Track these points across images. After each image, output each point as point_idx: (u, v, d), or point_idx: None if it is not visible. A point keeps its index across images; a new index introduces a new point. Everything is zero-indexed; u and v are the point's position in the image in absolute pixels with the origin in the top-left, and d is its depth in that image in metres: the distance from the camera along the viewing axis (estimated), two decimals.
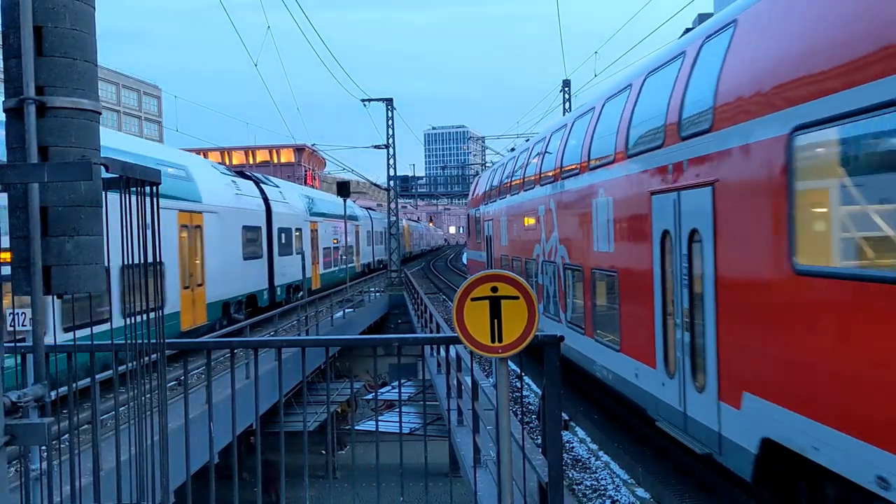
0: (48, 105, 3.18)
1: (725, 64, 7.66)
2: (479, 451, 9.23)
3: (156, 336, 3.53)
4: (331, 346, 5.56)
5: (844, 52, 5.59)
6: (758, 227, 6.71)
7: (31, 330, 3.24)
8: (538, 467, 5.72)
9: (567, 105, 41.60)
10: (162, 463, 3.62)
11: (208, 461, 4.64)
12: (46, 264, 3.17)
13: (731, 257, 7.33)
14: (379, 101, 42.80)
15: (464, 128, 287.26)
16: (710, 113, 7.80)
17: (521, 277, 4.33)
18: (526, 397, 14.58)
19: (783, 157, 6.24)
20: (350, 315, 28.11)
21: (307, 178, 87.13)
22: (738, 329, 7.12)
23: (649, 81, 10.24)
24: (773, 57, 6.70)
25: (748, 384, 6.82)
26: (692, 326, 8.20)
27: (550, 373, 4.44)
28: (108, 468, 4.10)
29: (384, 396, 24.42)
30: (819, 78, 5.92)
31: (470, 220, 32.29)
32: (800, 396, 5.97)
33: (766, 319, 6.57)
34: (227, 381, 6.04)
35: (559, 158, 14.82)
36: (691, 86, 8.56)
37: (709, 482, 9.21)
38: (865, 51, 5.34)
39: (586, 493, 9.44)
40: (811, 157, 6.07)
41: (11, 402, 2.96)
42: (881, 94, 5.07)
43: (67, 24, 3.23)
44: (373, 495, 5.29)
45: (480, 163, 76.35)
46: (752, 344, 6.79)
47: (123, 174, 3.25)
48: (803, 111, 5.99)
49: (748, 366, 6.86)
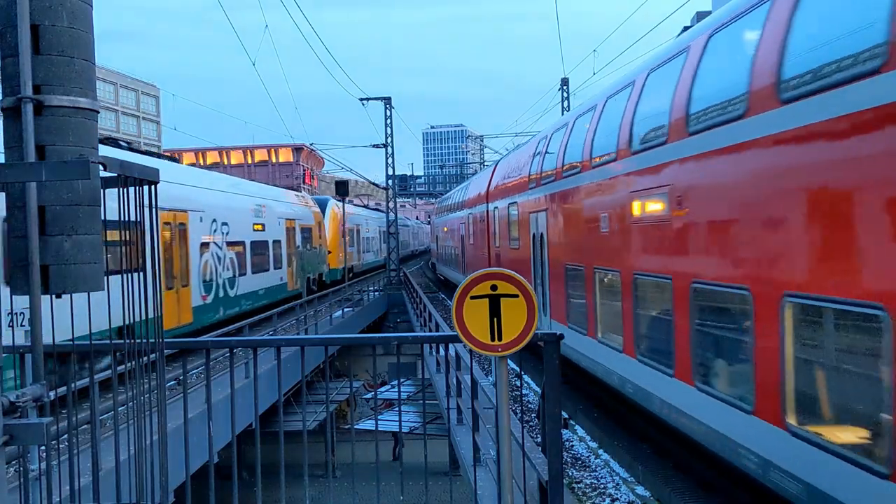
0: (45, 104, 3.17)
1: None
2: (479, 450, 9.22)
3: (154, 336, 3.52)
4: (330, 344, 5.55)
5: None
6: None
7: (28, 329, 3.24)
8: (538, 466, 5.72)
9: (566, 104, 41.58)
10: (161, 463, 3.61)
11: (208, 461, 4.64)
12: (44, 263, 3.16)
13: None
14: (377, 99, 42.74)
15: (462, 127, 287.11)
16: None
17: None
18: (525, 396, 14.57)
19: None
20: (349, 314, 28.12)
21: (306, 178, 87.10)
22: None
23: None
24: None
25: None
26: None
27: (550, 371, 4.43)
28: (107, 468, 4.09)
29: (383, 395, 24.40)
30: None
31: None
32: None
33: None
34: (225, 381, 6.03)
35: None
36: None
37: (709, 480, 9.21)
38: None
39: (586, 492, 9.44)
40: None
41: (10, 401, 2.95)
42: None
43: (65, 22, 3.22)
44: (372, 494, 5.28)
45: (479, 161, 76.35)
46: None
47: (122, 173, 3.24)
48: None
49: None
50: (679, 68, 8.97)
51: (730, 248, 7.64)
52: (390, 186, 45.68)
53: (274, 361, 4.97)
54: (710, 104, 8.04)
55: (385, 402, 24.19)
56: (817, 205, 6.16)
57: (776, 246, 6.70)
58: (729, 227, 7.72)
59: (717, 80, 8.16)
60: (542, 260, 16.29)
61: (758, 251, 7.00)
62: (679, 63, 9.05)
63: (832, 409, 6.00)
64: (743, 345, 7.28)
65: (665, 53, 9.96)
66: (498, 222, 22.95)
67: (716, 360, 8.19)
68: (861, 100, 5.44)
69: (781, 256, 6.61)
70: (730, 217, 7.66)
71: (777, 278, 6.60)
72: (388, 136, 42.85)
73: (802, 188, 6.33)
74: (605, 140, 11.53)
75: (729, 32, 8.02)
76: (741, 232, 7.41)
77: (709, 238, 8.23)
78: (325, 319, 24.36)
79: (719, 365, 8.12)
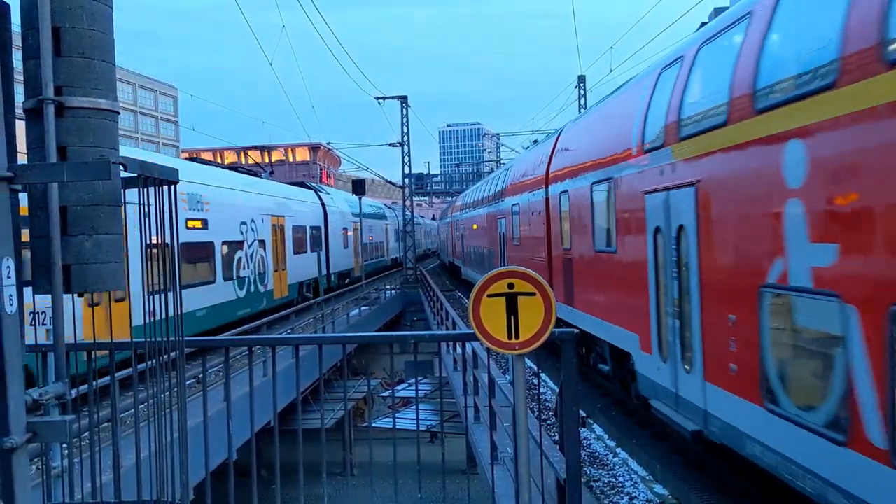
0: (66, 105, 3.21)
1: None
2: (497, 449, 9.21)
3: (174, 334, 3.55)
4: (348, 343, 5.58)
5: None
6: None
7: (50, 328, 3.27)
8: (556, 464, 5.71)
9: (582, 101, 41.44)
10: (181, 460, 3.64)
11: (227, 458, 4.67)
12: (66, 263, 3.20)
13: None
14: (393, 98, 42.81)
15: (478, 125, 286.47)
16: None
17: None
18: (543, 394, 14.55)
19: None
20: (366, 313, 28.19)
21: (322, 177, 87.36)
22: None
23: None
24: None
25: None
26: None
27: (567, 369, 4.43)
28: (128, 465, 4.13)
29: (401, 394, 24.44)
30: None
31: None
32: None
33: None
34: (243, 379, 6.07)
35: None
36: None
37: (726, 479, 9.15)
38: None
39: (604, 490, 9.41)
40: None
41: (33, 399, 2.99)
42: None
43: (85, 24, 3.25)
44: (390, 492, 5.30)
45: (496, 159, 76.15)
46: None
47: (142, 173, 3.27)
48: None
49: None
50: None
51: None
52: (406, 185, 45.73)
53: (291, 360, 5.00)
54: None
55: (402, 401, 24.24)
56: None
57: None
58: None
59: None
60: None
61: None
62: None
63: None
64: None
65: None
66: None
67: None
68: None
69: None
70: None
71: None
72: (405, 135, 42.90)
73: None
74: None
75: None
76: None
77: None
78: (342, 318, 24.44)
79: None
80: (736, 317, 7.39)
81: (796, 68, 6.48)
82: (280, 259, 25.03)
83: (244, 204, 22.15)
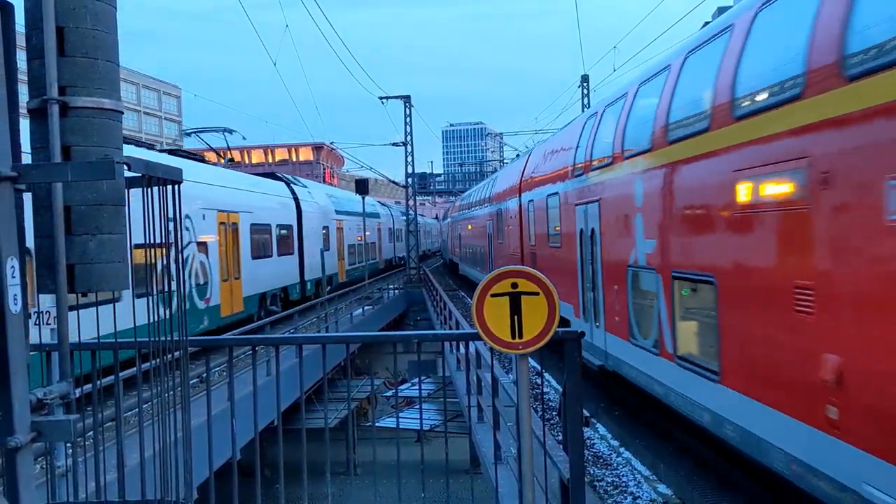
0: (70, 105, 3.21)
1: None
2: (500, 448, 9.22)
3: (178, 333, 3.55)
4: (351, 342, 5.58)
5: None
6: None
7: (55, 328, 3.28)
8: (559, 464, 5.71)
9: (586, 100, 41.40)
10: (185, 459, 3.65)
11: (231, 458, 4.68)
12: (70, 263, 3.20)
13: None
14: (396, 98, 42.86)
15: (482, 124, 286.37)
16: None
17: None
18: (546, 394, 14.55)
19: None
20: (369, 312, 28.22)
21: (325, 176, 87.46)
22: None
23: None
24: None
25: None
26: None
27: (571, 369, 4.42)
28: (131, 465, 4.14)
29: (404, 393, 24.46)
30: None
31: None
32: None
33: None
34: (247, 379, 6.08)
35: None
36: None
37: (731, 479, 9.14)
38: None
39: (608, 490, 9.40)
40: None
41: (37, 398, 2.99)
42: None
43: (88, 24, 3.25)
44: (394, 492, 5.30)
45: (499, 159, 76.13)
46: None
47: (146, 173, 3.27)
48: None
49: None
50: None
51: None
52: (409, 185, 45.75)
53: (294, 359, 5.00)
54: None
55: (405, 400, 24.26)
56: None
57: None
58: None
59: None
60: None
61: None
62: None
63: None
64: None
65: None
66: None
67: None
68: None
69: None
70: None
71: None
72: (408, 135, 42.94)
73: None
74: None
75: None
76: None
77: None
78: (346, 317, 24.46)
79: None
80: (617, 287, 11.67)
81: (632, 143, 11.02)
82: (231, 266, 19.99)
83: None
